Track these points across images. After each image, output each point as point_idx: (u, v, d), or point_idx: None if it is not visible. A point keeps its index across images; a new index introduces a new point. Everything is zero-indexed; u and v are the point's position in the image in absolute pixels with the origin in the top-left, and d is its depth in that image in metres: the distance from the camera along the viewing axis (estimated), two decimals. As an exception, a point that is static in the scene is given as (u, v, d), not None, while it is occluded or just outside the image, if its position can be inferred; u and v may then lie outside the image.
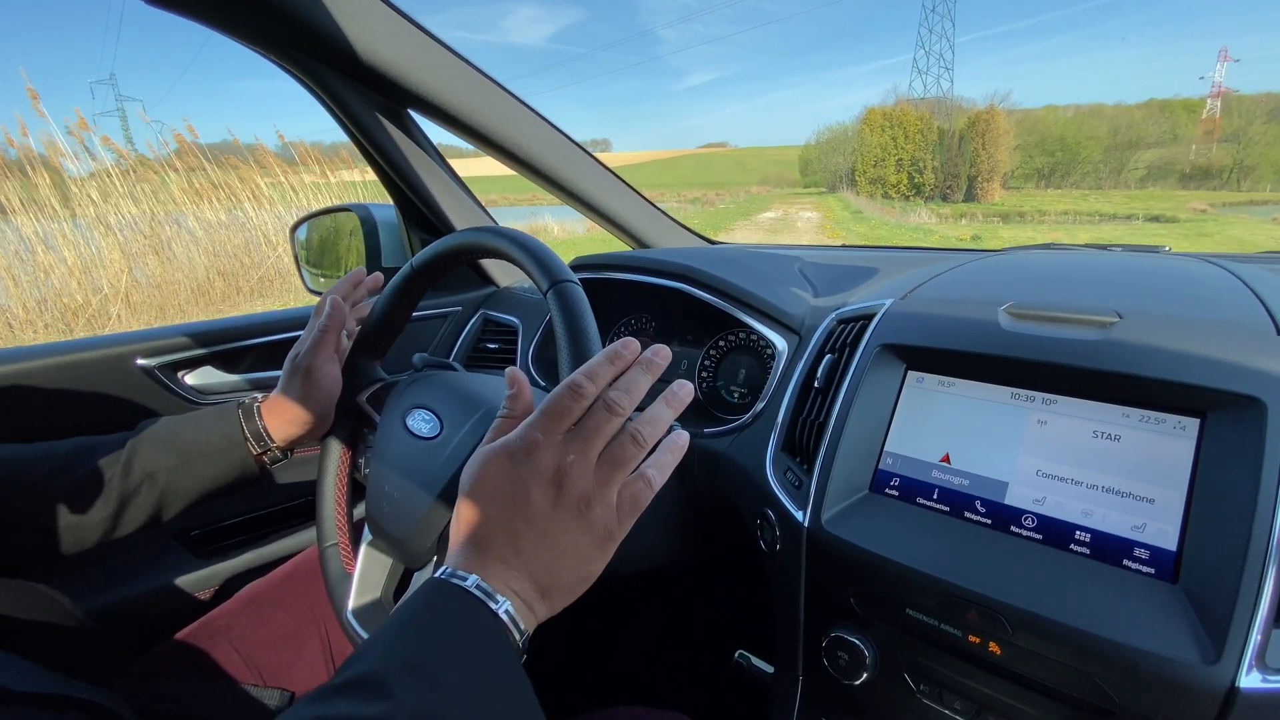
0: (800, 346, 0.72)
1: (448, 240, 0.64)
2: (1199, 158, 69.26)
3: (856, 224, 21.18)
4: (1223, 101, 75.06)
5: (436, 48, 0.90)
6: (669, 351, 0.43)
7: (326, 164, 7.18)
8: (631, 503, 0.41)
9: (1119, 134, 70.30)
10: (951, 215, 32.40)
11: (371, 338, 0.73)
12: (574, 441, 0.40)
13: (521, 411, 0.44)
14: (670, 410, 0.43)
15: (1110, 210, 36.89)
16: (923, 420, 0.58)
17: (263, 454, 0.66)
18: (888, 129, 57.01)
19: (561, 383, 0.41)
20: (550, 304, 0.53)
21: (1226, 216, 29.44)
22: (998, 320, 0.57)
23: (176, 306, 5.90)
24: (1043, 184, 68.11)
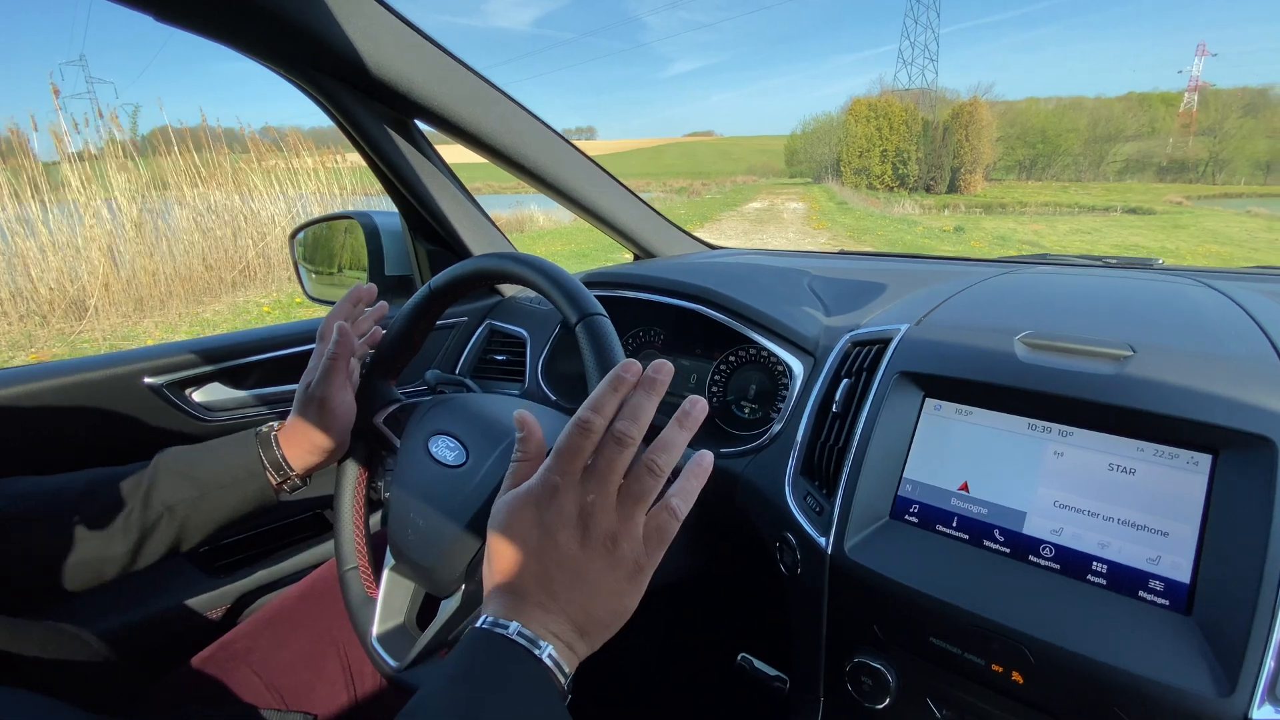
0: (815, 368, 0.73)
1: (470, 265, 0.64)
2: (1176, 151, 70.44)
3: (842, 215, 21.28)
4: (1200, 95, 76.28)
5: (444, 58, 0.89)
6: (670, 367, 0.43)
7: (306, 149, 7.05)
8: (658, 534, 0.42)
9: (1098, 127, 71.17)
10: (935, 206, 32.66)
11: (387, 358, 0.73)
12: (591, 480, 0.40)
13: (534, 453, 0.45)
14: (684, 432, 0.43)
15: (1089, 202, 37.41)
16: (941, 448, 0.59)
17: (282, 483, 0.66)
18: (873, 120, 57.18)
19: (570, 420, 0.41)
20: (580, 338, 0.53)
21: (1202, 209, 30.02)
22: (1014, 350, 0.58)
23: (157, 298, 5.78)
24: (1024, 176, 68.86)
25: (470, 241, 1.06)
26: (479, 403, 0.67)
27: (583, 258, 9.34)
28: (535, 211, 14.88)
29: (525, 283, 0.59)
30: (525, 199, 15.95)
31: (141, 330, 5.20)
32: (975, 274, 0.92)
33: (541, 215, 14.74)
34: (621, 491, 0.41)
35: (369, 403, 0.73)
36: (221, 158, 6.65)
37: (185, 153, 6.43)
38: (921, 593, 0.52)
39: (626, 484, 0.41)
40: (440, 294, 0.67)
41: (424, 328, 0.71)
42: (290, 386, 0.94)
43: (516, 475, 0.44)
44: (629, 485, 0.41)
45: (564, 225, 14.24)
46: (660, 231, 1.38)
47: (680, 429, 0.43)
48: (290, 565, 0.95)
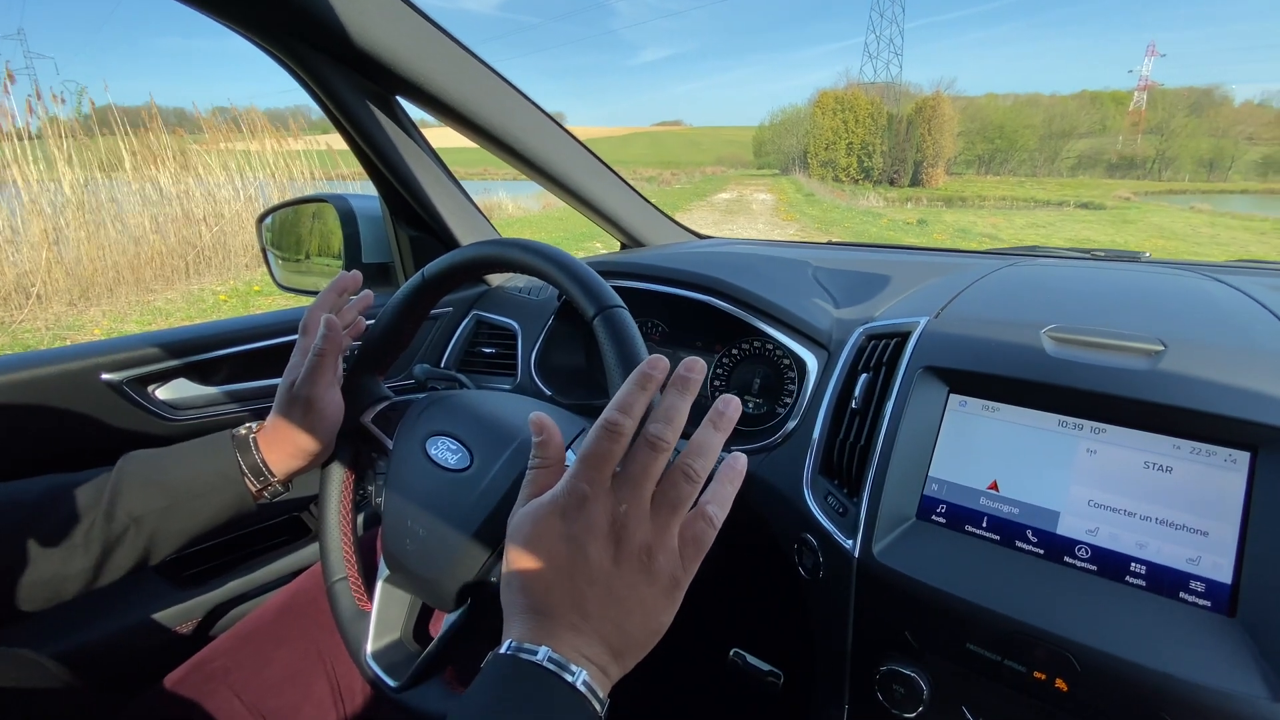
0: (830, 363, 0.70)
1: (469, 252, 0.60)
2: (1125, 148, 73.20)
3: (809, 207, 21.50)
4: (1148, 95, 79.32)
5: (432, 31, 0.83)
6: (703, 364, 0.40)
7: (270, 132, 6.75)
8: (695, 544, 0.39)
9: (1053, 123, 73.48)
10: (898, 199, 33.30)
11: (375, 352, 0.68)
12: (623, 488, 0.37)
13: (554, 458, 0.41)
14: (719, 434, 0.40)
15: (1044, 197, 38.66)
16: (968, 446, 0.57)
17: (262, 489, 0.61)
18: (839, 112, 57.86)
19: (596, 422, 0.38)
20: (598, 332, 0.49)
21: (1149, 205, 31.32)
22: (1041, 345, 0.57)
23: (105, 286, 5.48)
24: (983, 170, 70.74)
25: (456, 228, 1.01)
26: (480, 400, 0.63)
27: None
28: (504, 199, 14.62)
29: (534, 272, 0.55)
30: (494, 185, 15.65)
31: (88, 319, 4.93)
32: (977, 266, 0.90)
33: (510, 203, 14.50)
34: (655, 499, 0.38)
35: (356, 401, 0.68)
36: (177, 138, 6.31)
37: (136, 133, 6.09)
38: (957, 597, 0.50)
39: (660, 491, 0.38)
40: (435, 283, 0.63)
41: (415, 319, 0.67)
42: (265, 382, 0.87)
43: (536, 483, 0.40)
44: (663, 492, 0.38)
45: (533, 213, 14.04)
46: (649, 219, 1.35)
47: (715, 430, 0.40)
48: (266, 574, 0.89)
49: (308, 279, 1.19)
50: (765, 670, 0.84)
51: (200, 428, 0.82)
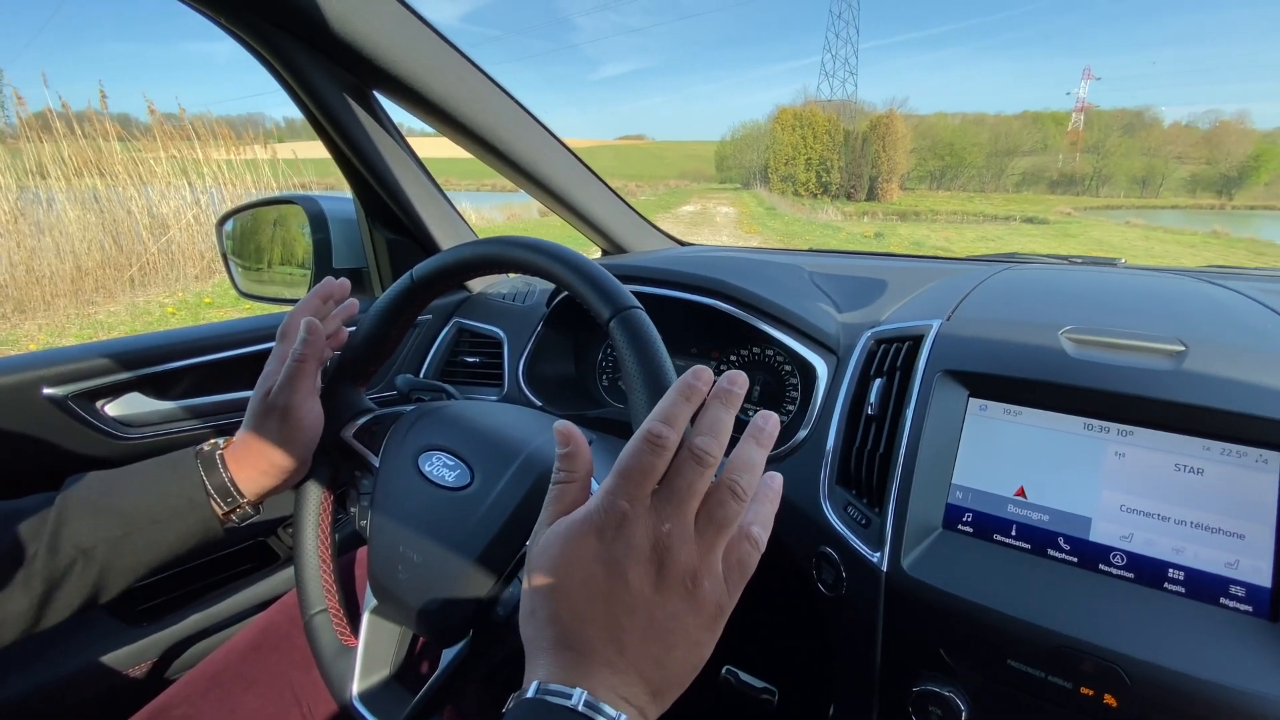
0: (839, 368, 0.68)
1: (464, 252, 0.55)
2: (1065, 166, 77.05)
3: (771, 220, 21.89)
4: (1085, 116, 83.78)
5: (414, 21, 0.78)
6: (745, 378, 0.37)
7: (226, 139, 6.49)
8: (740, 568, 0.35)
9: (999, 141, 76.86)
10: (855, 213, 34.26)
11: (357, 361, 0.62)
12: (666, 505, 0.33)
13: (582, 472, 0.37)
14: (762, 450, 0.37)
15: (992, 211, 40.32)
16: (991, 451, 0.56)
17: (230, 512, 0.54)
18: (798, 128, 59.31)
19: (636, 434, 0.34)
20: (615, 336, 0.45)
21: (1088, 219, 32.99)
22: (1061, 346, 0.55)
23: (41, 298, 5.15)
24: (935, 186, 73.39)
25: (436, 230, 0.95)
26: (476, 412, 0.58)
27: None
28: (466, 208, 14.38)
29: (539, 272, 0.50)
30: (456, 196, 15.43)
31: (23, 334, 4.62)
32: (969, 271, 0.90)
33: (473, 212, 14.31)
34: (699, 519, 0.34)
35: (335, 413, 0.62)
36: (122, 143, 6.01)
37: (78, 138, 5.77)
38: (995, 610, 0.48)
39: (706, 510, 0.34)
40: (424, 285, 0.58)
41: (402, 325, 0.61)
42: (229, 395, 0.80)
43: (563, 499, 0.36)
44: (709, 511, 0.34)
45: (496, 223, 13.88)
46: (632, 225, 1.31)
47: (757, 446, 0.36)
48: (229, 606, 0.81)
49: (271, 287, 1.11)
50: (759, 688, 0.81)
51: (157, 447, 0.74)
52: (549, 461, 0.50)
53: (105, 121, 5.95)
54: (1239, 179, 75.71)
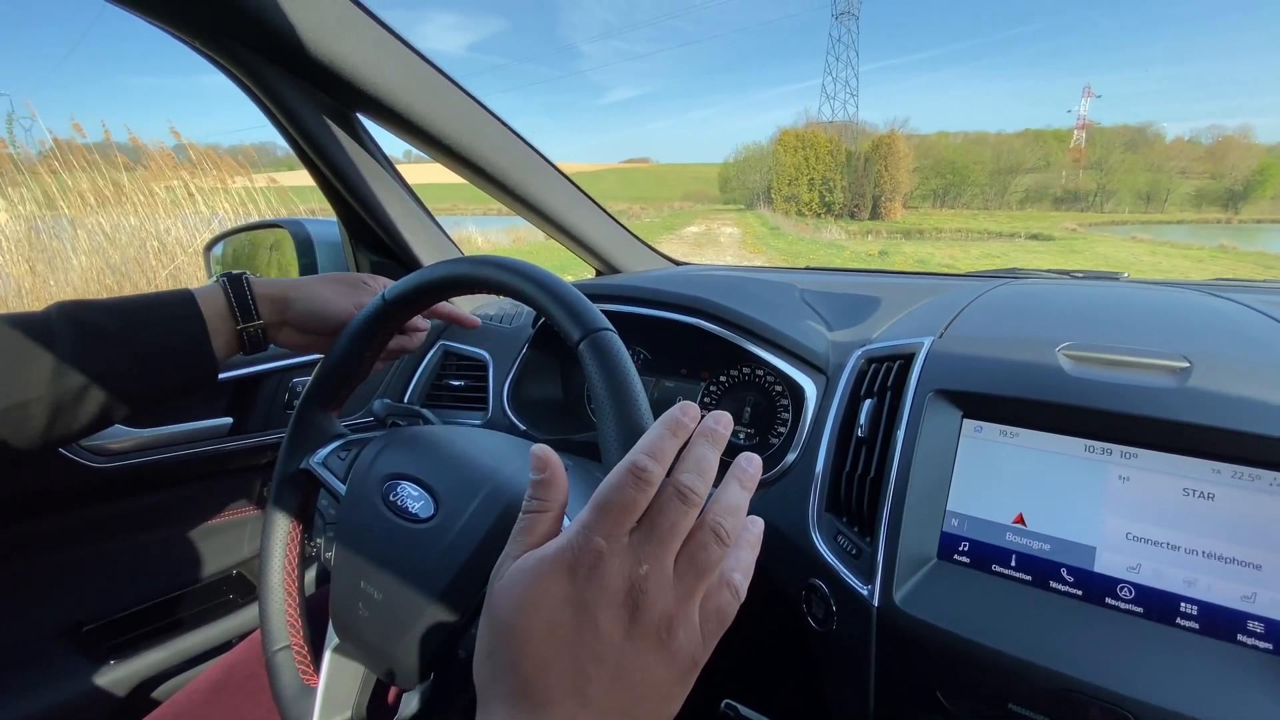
0: (829, 388, 0.66)
1: (437, 271, 0.53)
2: (1069, 182, 77.24)
3: (775, 240, 21.99)
4: (1087, 133, 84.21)
5: (395, 44, 0.78)
6: (730, 418, 0.35)
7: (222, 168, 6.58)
8: (718, 618, 0.32)
9: (1001, 159, 77.27)
10: (859, 232, 34.38)
11: (328, 386, 0.60)
12: (645, 545, 0.31)
13: (556, 502, 0.35)
14: (745, 493, 0.35)
15: (996, 229, 40.37)
16: (988, 475, 0.53)
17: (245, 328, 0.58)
18: (800, 149, 59.87)
19: (618, 466, 0.32)
20: (585, 359, 0.43)
21: (1094, 235, 32.96)
22: (1059, 363, 0.53)
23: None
24: (938, 204, 73.68)
25: (421, 252, 0.94)
26: (446, 437, 0.56)
27: (523, 280, 9.15)
28: (473, 232, 14.54)
29: (510, 292, 0.49)
30: (463, 220, 15.59)
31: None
32: (965, 287, 0.88)
33: (480, 236, 14.44)
34: (680, 563, 0.31)
35: (305, 440, 0.60)
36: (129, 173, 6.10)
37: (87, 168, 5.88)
38: (994, 649, 0.44)
39: (687, 553, 0.32)
40: (396, 307, 0.56)
41: (375, 348, 0.60)
42: (206, 423, 0.78)
43: (533, 531, 0.34)
44: (690, 555, 0.31)
45: (503, 245, 13.99)
46: (625, 245, 1.30)
47: (741, 488, 0.34)
48: (201, 641, 0.79)
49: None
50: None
51: (131, 474, 0.72)
52: (518, 490, 0.48)
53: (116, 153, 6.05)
54: (1244, 193, 75.61)
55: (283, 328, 0.60)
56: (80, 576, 0.71)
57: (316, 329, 0.61)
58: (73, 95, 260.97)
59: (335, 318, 0.61)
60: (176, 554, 0.78)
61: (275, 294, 0.59)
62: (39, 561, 0.68)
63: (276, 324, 0.60)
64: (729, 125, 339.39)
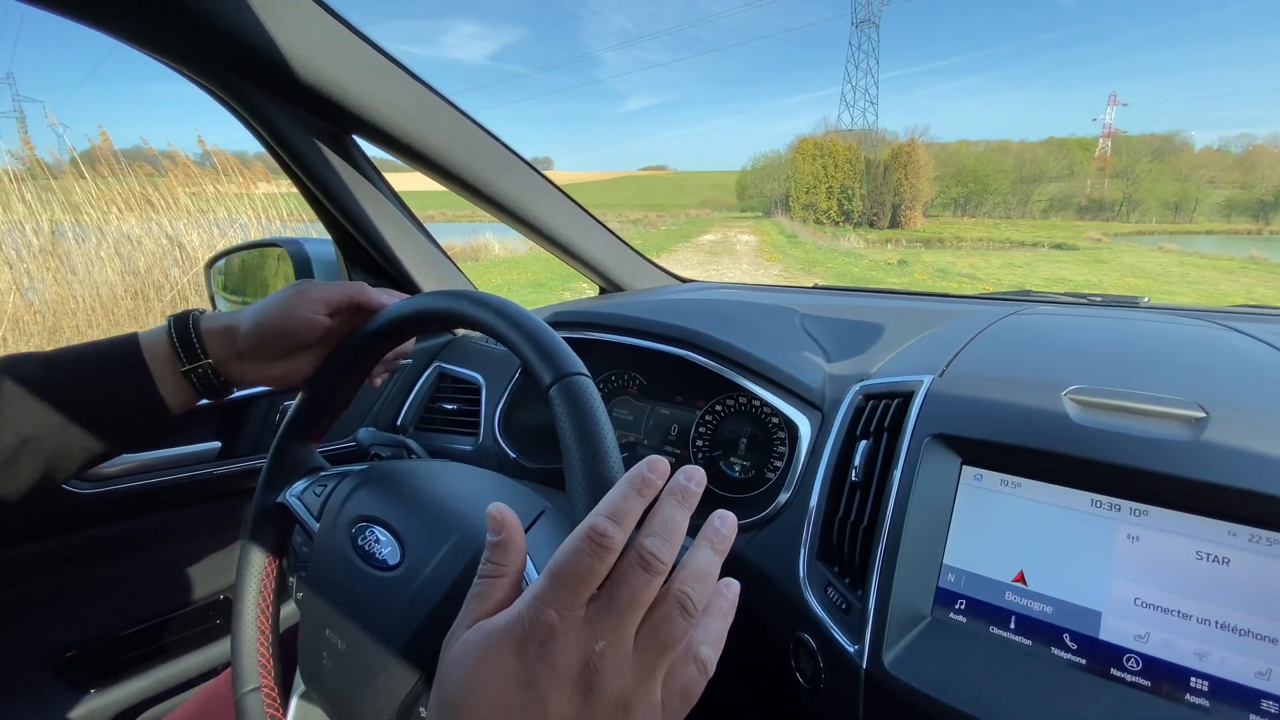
0: (824, 425, 0.63)
1: (413, 305, 0.52)
2: (1094, 191, 75.98)
3: (792, 248, 21.88)
4: (1113, 141, 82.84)
5: (386, 65, 0.77)
6: (704, 475, 0.33)
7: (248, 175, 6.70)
8: (683, 696, 0.30)
9: (1024, 168, 76.24)
10: (878, 241, 34.10)
11: (307, 416, 0.59)
12: (603, 618, 0.29)
13: (513, 567, 0.33)
14: (717, 557, 0.32)
15: (1019, 238, 39.77)
16: (987, 528, 0.50)
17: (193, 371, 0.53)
18: (819, 157, 59.61)
19: (576, 530, 0.30)
20: (555, 405, 0.41)
21: (1119, 245, 32.36)
22: (1064, 409, 0.50)
23: (74, 328, 5.31)
24: (959, 212, 72.87)
25: (418, 275, 0.93)
26: (422, 475, 0.54)
27: (539, 287, 9.20)
28: (490, 239, 14.68)
29: (482, 327, 0.47)
30: (480, 227, 15.74)
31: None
32: (975, 314, 0.84)
33: (497, 244, 14.57)
34: (641, 636, 0.29)
35: (282, 473, 0.59)
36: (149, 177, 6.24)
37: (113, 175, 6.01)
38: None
39: (649, 625, 0.29)
40: (377, 338, 0.55)
41: (355, 379, 0.58)
42: (192, 447, 0.78)
43: (487, 598, 0.32)
44: (653, 628, 0.29)
45: (520, 254, 14.09)
46: (627, 263, 1.29)
47: (712, 551, 0.32)
48: (187, 670, 0.78)
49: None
50: None
51: (113, 500, 0.71)
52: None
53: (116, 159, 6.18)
54: (1275, 203, 73.78)
55: (242, 362, 0.55)
56: (64, 603, 0.71)
57: (275, 352, 0.56)
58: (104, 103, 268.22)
59: (293, 334, 0.55)
60: (163, 579, 0.77)
61: (221, 327, 0.54)
62: (21, 588, 0.68)
63: (230, 359, 0.55)
64: (747, 133, 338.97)
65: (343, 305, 0.57)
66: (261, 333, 0.55)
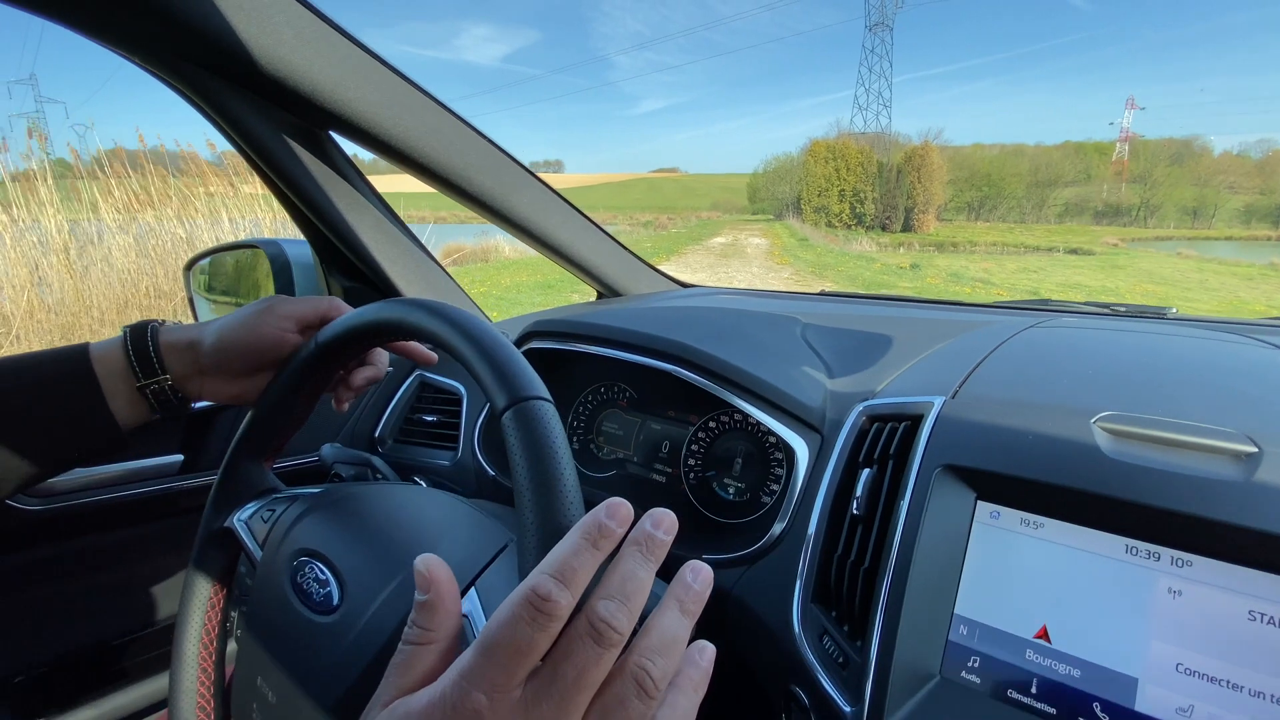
0: (824, 449, 0.57)
1: (364, 315, 0.47)
2: (1110, 196, 75.10)
3: (803, 251, 21.74)
4: (1130, 146, 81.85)
5: (363, 57, 0.73)
6: (674, 520, 0.28)
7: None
8: None
9: (1039, 172, 75.48)
10: (890, 244, 33.83)
11: (260, 434, 0.54)
12: (543, 700, 0.24)
13: (442, 631, 0.28)
14: (686, 620, 0.27)
15: (1034, 243, 39.34)
16: (1005, 575, 0.44)
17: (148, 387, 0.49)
18: (831, 160, 59.29)
19: (514, 593, 0.24)
20: (506, 434, 0.36)
21: (1137, 250, 31.91)
22: (1094, 440, 0.44)
23: (88, 326, 5.33)
24: (973, 216, 72.26)
25: (398, 278, 0.89)
26: (374, 502, 0.49)
27: (548, 289, 9.17)
28: (500, 241, 14.67)
29: (435, 341, 0.42)
30: (491, 229, 15.74)
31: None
32: (991, 325, 0.79)
33: (507, 246, 14.55)
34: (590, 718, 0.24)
35: (231, 494, 0.54)
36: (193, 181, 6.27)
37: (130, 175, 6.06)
38: None
39: (599, 708, 0.25)
40: (331, 351, 0.50)
41: (310, 394, 0.54)
42: (146, 461, 0.73)
43: (410, 669, 0.27)
44: (603, 710, 0.24)
45: (531, 256, 14.06)
46: (626, 267, 1.23)
47: (682, 616, 0.27)
48: (144, 696, 0.73)
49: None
50: None
51: (62, 517, 0.67)
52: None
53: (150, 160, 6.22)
54: (1298, 209, 72.53)
55: (202, 379, 0.52)
56: (10, 627, 0.66)
57: (241, 369, 0.52)
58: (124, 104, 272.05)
59: (260, 351, 0.52)
60: (118, 601, 0.73)
61: (184, 342, 0.51)
62: (-37, 610, 0.64)
63: (191, 376, 0.51)
64: (759, 136, 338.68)
65: (314, 322, 0.54)
66: (226, 349, 0.52)
